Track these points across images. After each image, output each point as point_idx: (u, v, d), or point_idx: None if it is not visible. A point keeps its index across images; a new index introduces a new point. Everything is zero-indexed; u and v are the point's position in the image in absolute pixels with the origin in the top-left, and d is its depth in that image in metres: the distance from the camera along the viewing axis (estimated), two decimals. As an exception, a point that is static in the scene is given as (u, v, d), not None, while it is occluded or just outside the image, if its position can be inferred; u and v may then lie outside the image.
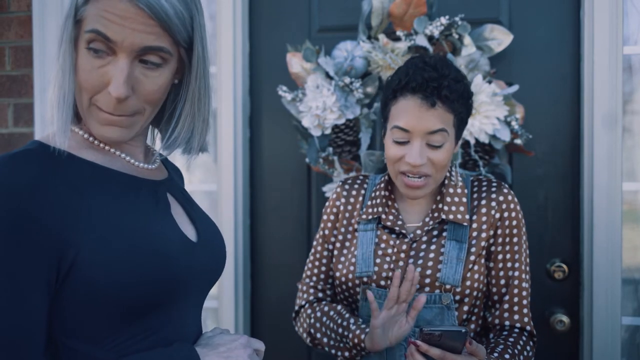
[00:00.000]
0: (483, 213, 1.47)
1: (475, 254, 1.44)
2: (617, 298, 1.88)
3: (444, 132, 1.39)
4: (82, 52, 0.93)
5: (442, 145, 1.40)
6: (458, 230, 1.45)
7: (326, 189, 2.00)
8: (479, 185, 1.51)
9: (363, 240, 1.50)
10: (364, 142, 1.93)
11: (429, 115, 1.38)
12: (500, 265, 1.47)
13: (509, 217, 1.47)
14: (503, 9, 1.99)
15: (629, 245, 1.95)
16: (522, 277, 1.47)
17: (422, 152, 1.40)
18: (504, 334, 1.45)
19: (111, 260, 0.90)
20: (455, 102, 1.40)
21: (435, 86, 1.38)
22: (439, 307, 1.42)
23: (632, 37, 1.93)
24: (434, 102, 1.38)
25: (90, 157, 0.98)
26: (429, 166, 1.41)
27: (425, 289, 1.42)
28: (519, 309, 1.46)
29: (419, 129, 1.39)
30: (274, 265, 2.14)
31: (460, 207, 1.46)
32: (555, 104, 1.97)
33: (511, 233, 1.47)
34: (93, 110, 0.95)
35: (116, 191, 0.96)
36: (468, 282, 1.42)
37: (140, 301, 0.94)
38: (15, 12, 2.10)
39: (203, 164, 2.19)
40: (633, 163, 1.95)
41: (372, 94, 1.92)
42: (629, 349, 1.95)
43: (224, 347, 1.00)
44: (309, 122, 1.93)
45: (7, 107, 2.11)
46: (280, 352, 2.13)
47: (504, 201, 1.47)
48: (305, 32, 2.09)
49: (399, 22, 1.89)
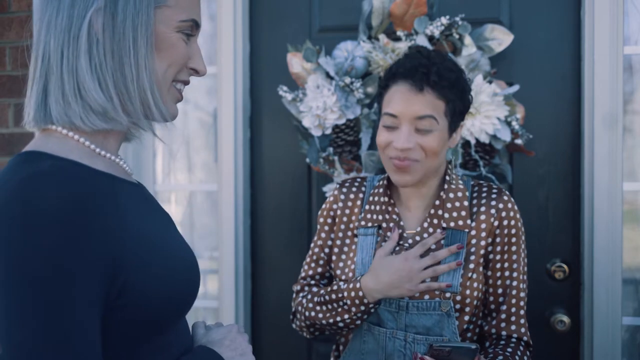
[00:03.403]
0: (482, 220, 1.44)
1: (474, 262, 1.42)
2: (618, 298, 1.88)
3: (431, 119, 1.38)
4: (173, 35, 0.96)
5: (431, 131, 1.39)
6: (456, 236, 1.43)
7: (326, 189, 2.00)
8: (479, 190, 1.48)
9: (363, 245, 1.49)
10: (364, 142, 1.93)
11: (417, 100, 1.38)
12: (498, 274, 1.45)
13: (508, 225, 1.44)
14: (504, 9, 1.99)
15: (630, 245, 1.95)
16: (520, 286, 1.45)
17: (410, 137, 1.39)
18: (501, 344, 1.42)
19: (153, 284, 0.90)
20: (446, 89, 1.38)
21: (424, 72, 1.38)
22: (438, 314, 1.40)
23: (632, 37, 1.93)
24: (422, 87, 1.38)
25: (100, 167, 0.94)
26: (418, 151, 1.39)
27: (425, 296, 1.40)
28: (516, 319, 1.44)
29: (406, 113, 1.38)
30: (274, 265, 2.14)
31: (462, 211, 1.44)
32: (556, 104, 1.97)
33: (510, 241, 1.45)
34: (172, 89, 0.99)
35: (137, 203, 0.95)
36: (467, 290, 1.41)
37: (172, 318, 0.95)
38: (16, 12, 2.10)
39: (203, 164, 2.19)
40: (634, 163, 1.95)
41: (373, 94, 1.92)
42: (630, 349, 1.95)
43: (227, 339, 1.02)
44: (309, 122, 1.93)
45: (7, 107, 2.11)
46: (280, 352, 2.13)
47: (503, 208, 1.44)
48: (305, 32, 2.09)
49: (400, 22, 1.89)
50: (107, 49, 0.92)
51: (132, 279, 0.87)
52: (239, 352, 1.01)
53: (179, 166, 2.20)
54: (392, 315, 1.42)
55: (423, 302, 1.40)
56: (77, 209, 0.82)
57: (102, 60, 0.92)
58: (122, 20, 0.92)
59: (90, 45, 0.91)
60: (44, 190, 0.82)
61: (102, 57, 0.92)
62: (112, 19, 0.92)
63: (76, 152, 0.92)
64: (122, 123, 0.94)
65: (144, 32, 0.93)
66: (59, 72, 0.91)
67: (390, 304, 1.42)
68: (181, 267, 0.95)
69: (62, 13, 0.91)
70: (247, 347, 1.04)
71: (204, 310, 2.20)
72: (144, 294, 0.89)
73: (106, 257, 0.84)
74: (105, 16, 0.91)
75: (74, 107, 0.91)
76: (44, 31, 0.93)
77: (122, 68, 0.92)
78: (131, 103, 0.94)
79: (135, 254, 0.88)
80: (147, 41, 0.93)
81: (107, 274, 0.85)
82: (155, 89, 0.95)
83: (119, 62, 0.92)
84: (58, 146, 0.91)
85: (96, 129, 0.93)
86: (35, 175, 0.83)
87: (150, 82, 0.94)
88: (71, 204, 0.81)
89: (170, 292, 0.92)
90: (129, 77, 0.93)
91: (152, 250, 0.91)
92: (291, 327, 2.03)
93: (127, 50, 0.92)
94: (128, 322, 0.89)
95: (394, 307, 1.42)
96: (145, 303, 0.89)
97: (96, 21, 0.91)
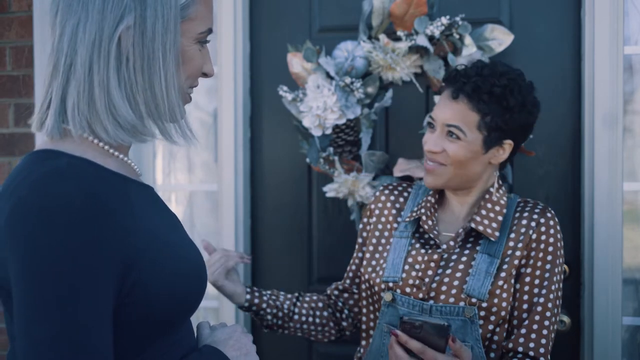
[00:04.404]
0: (521, 232, 1.42)
1: (506, 272, 1.39)
2: (618, 298, 1.87)
3: (458, 130, 1.39)
4: (193, 47, 0.97)
5: (458, 140, 1.40)
6: (492, 246, 1.42)
7: (327, 189, 2.00)
8: (524, 205, 1.48)
9: (396, 246, 1.49)
10: (364, 142, 1.93)
11: (450, 106, 1.41)
12: (527, 289, 1.40)
13: (546, 241, 1.42)
14: (504, 9, 1.99)
15: (630, 245, 1.95)
16: (548, 306, 1.39)
17: (438, 141, 1.42)
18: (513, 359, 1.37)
19: (162, 283, 0.90)
20: (481, 103, 1.38)
21: (464, 81, 1.40)
22: (461, 319, 1.37)
23: (632, 37, 1.93)
24: (457, 95, 1.40)
25: (113, 167, 0.95)
26: (445, 156, 1.42)
27: (450, 299, 1.38)
28: (536, 337, 1.37)
29: (439, 117, 1.42)
30: (275, 265, 2.14)
31: (493, 223, 1.42)
32: (556, 103, 1.97)
33: (545, 258, 1.41)
34: (185, 95, 1.00)
35: (147, 204, 0.96)
36: (496, 299, 1.37)
37: (179, 317, 0.96)
38: (16, 12, 2.10)
39: (204, 164, 2.19)
40: (634, 163, 1.95)
41: (373, 94, 1.92)
42: (630, 349, 1.95)
43: (231, 339, 1.03)
44: (309, 122, 1.93)
45: (7, 107, 2.11)
46: (280, 352, 2.13)
47: (544, 223, 1.43)
48: (305, 32, 2.09)
49: (400, 22, 1.89)
50: (137, 67, 0.92)
51: (143, 277, 0.88)
52: (243, 352, 1.02)
53: (179, 166, 2.20)
54: None
55: (447, 306, 1.38)
56: (94, 206, 0.83)
57: (132, 79, 0.92)
58: (152, 39, 0.91)
59: (119, 62, 0.91)
60: (62, 186, 0.83)
61: (132, 75, 0.92)
62: (142, 37, 0.91)
63: (90, 152, 0.93)
64: (147, 138, 0.96)
65: (172, 49, 0.93)
66: (87, 85, 0.90)
67: (414, 306, 1.40)
68: (190, 267, 0.96)
69: (90, 25, 0.90)
70: (252, 347, 1.05)
71: (204, 310, 2.20)
72: (154, 293, 0.90)
73: (120, 254, 0.85)
74: (135, 34, 0.90)
75: (104, 123, 0.91)
76: (67, 39, 0.91)
77: (152, 87, 0.93)
78: (161, 121, 0.95)
79: (147, 253, 0.89)
80: (175, 58, 0.94)
81: (120, 271, 0.86)
82: (182, 106, 0.97)
83: (149, 81, 0.92)
84: (73, 145, 0.92)
85: (122, 143, 0.95)
86: (53, 172, 0.85)
87: (178, 99, 0.95)
88: (88, 201, 0.83)
89: (179, 291, 0.93)
90: (159, 96, 0.93)
91: (162, 250, 0.92)
92: (291, 327, 2.03)
93: (157, 69, 0.92)
94: (136, 320, 0.90)
95: (417, 309, 1.40)
96: (154, 302, 0.90)
97: (126, 38, 0.91)
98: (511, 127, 1.42)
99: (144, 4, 0.90)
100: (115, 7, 0.89)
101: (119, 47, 0.91)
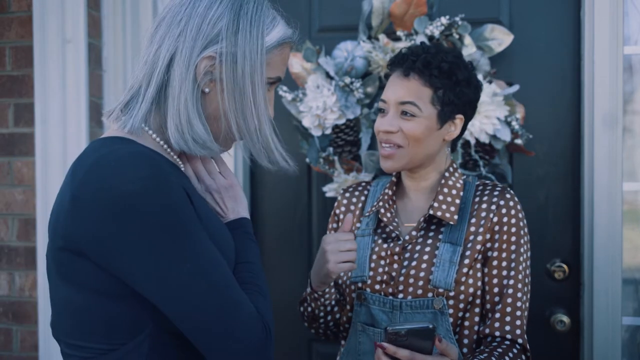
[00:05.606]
0: (482, 216, 1.42)
1: (470, 258, 1.39)
2: (618, 298, 1.88)
3: (413, 106, 1.40)
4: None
5: (414, 117, 1.40)
6: (454, 233, 1.42)
7: (326, 189, 2.00)
8: (482, 188, 1.48)
9: (360, 244, 1.49)
10: (364, 142, 1.94)
11: (402, 85, 1.42)
12: (495, 272, 1.40)
13: (508, 223, 1.41)
14: (503, 9, 1.99)
15: (630, 245, 1.95)
16: (518, 287, 1.39)
17: (393, 121, 1.42)
18: (492, 344, 1.36)
19: None
20: (433, 77, 1.40)
21: (413, 60, 1.42)
22: (431, 312, 1.38)
23: (632, 37, 1.93)
24: (408, 73, 1.41)
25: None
26: (401, 137, 1.41)
27: (418, 291, 1.39)
28: (511, 320, 1.37)
29: (392, 98, 1.42)
30: (275, 264, 2.14)
31: (451, 207, 1.43)
32: (556, 104, 1.97)
33: (509, 240, 1.41)
34: None
35: (194, 192, 1.07)
36: (462, 286, 1.38)
37: None
38: (16, 12, 2.10)
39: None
40: (633, 163, 1.95)
41: (373, 94, 1.92)
42: (630, 349, 1.95)
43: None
44: (309, 122, 1.93)
45: (7, 107, 2.11)
46: (280, 352, 2.13)
47: (504, 205, 1.42)
48: (305, 32, 2.09)
49: (400, 22, 1.89)
50: (229, 93, 1.02)
51: None
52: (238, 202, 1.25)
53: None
54: (387, 315, 1.42)
55: (416, 300, 1.39)
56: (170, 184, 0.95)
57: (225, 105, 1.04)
58: (242, 76, 1.03)
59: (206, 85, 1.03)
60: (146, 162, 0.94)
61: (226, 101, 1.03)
62: (232, 72, 1.02)
63: (149, 143, 1.05)
64: (215, 152, 1.08)
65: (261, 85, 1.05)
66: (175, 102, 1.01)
67: (384, 304, 1.42)
68: (229, 250, 1.08)
69: (185, 48, 1.00)
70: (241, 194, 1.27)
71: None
72: None
73: None
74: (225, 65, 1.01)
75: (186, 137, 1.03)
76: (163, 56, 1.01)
77: (244, 115, 1.05)
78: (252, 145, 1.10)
79: None
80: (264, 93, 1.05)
81: None
82: (274, 135, 1.11)
83: (242, 110, 1.04)
84: (135, 136, 1.04)
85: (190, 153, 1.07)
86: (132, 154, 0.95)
87: (270, 129, 1.09)
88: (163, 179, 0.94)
89: None
90: (252, 126, 1.06)
91: (214, 235, 1.03)
92: (292, 325, 2.04)
93: (247, 102, 1.04)
94: None
95: (387, 307, 1.42)
96: None
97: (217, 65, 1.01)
98: (462, 101, 1.44)
99: (235, 39, 1.01)
100: (209, 35, 1.01)
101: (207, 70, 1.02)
